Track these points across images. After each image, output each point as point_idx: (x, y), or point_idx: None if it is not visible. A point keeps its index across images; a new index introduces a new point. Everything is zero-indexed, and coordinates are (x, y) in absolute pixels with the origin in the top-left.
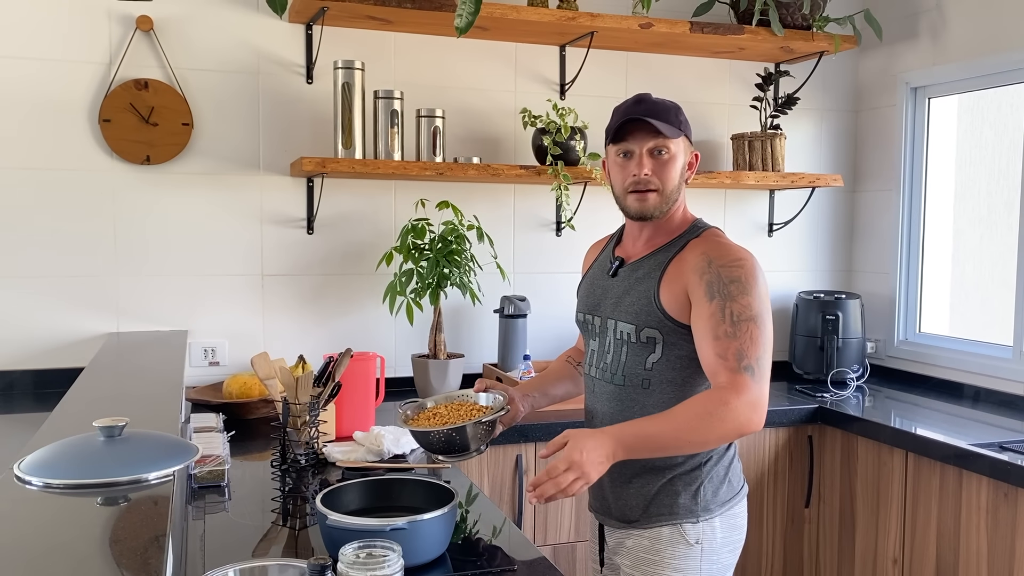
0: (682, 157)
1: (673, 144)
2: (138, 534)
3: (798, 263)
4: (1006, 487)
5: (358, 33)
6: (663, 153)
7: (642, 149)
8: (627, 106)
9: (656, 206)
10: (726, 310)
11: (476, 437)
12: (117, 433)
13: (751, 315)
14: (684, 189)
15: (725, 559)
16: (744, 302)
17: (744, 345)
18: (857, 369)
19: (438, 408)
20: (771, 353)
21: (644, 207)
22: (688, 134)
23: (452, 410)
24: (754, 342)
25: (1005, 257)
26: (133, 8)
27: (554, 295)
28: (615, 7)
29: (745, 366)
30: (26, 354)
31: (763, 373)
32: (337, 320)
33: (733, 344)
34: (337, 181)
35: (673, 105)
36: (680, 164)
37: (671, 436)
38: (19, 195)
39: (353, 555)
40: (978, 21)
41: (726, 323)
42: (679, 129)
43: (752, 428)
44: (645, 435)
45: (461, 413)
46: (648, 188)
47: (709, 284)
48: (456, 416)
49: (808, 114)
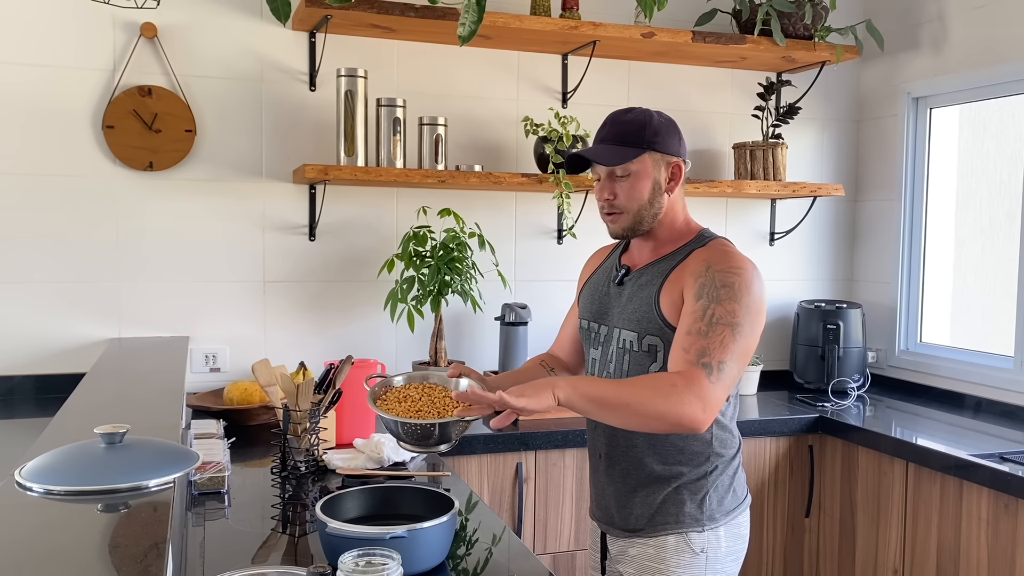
0: (651, 172)
1: (632, 165)
2: (138, 541)
3: (799, 272)
4: (1007, 498)
5: (361, 41)
6: (622, 176)
7: (603, 174)
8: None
9: (629, 226)
10: (708, 311)
11: (455, 432)
12: (118, 440)
13: (731, 321)
14: (681, 198)
15: (729, 568)
16: (729, 307)
17: (711, 345)
18: (858, 379)
19: (408, 389)
20: (740, 364)
21: (614, 228)
22: (661, 147)
23: (424, 393)
24: (723, 346)
25: (1006, 267)
26: (137, 15)
27: (555, 303)
28: (617, 16)
29: (704, 363)
30: (27, 359)
31: (721, 376)
32: (338, 327)
33: (700, 342)
34: (339, 188)
35: (641, 121)
36: (649, 180)
37: (614, 397)
38: (22, 201)
39: (353, 563)
40: (980, 32)
41: (702, 322)
42: (640, 147)
43: (695, 425)
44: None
45: (434, 399)
46: (613, 211)
47: (701, 286)
48: (429, 402)
49: (810, 123)
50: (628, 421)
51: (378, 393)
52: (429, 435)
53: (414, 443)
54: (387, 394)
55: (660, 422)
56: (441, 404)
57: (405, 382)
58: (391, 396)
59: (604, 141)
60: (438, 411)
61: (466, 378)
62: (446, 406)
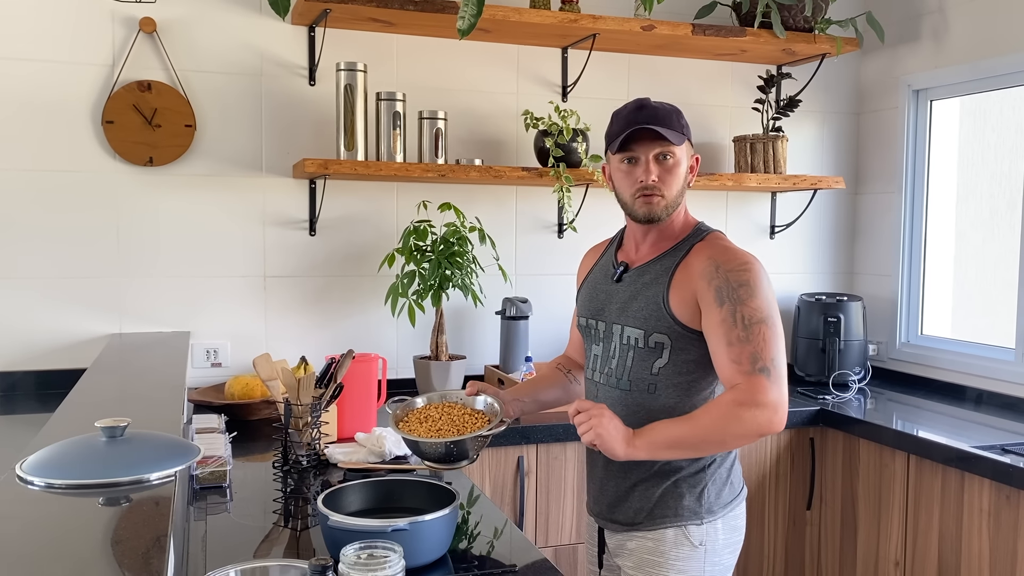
0: (685, 162)
1: (678, 150)
2: (140, 534)
3: (800, 265)
4: (1008, 489)
5: (360, 35)
6: (668, 159)
7: (648, 155)
8: (628, 112)
9: (663, 210)
10: (737, 315)
11: (473, 448)
12: (119, 434)
13: (762, 317)
14: (685, 193)
15: (726, 560)
16: (754, 305)
17: (758, 348)
18: (859, 371)
19: (429, 410)
20: (784, 353)
21: (652, 210)
22: (689, 138)
23: (444, 412)
24: (767, 343)
25: (1007, 259)
26: (136, 10)
27: (556, 297)
28: (617, 9)
29: (760, 368)
30: (28, 355)
31: (779, 373)
32: (339, 322)
33: (747, 348)
34: (339, 183)
35: (674, 109)
36: (683, 169)
37: (690, 437)
38: (22, 196)
39: (354, 556)
40: (980, 23)
41: (738, 327)
42: (682, 133)
43: (773, 429)
44: (666, 433)
45: (454, 417)
46: (655, 193)
47: (718, 289)
48: (448, 420)
49: (810, 116)
50: (710, 451)
51: (400, 416)
52: (450, 452)
53: (435, 461)
54: (409, 416)
55: (742, 440)
56: (461, 422)
57: (425, 403)
58: (412, 417)
59: (649, 122)
60: (457, 428)
61: (484, 394)
62: (465, 423)
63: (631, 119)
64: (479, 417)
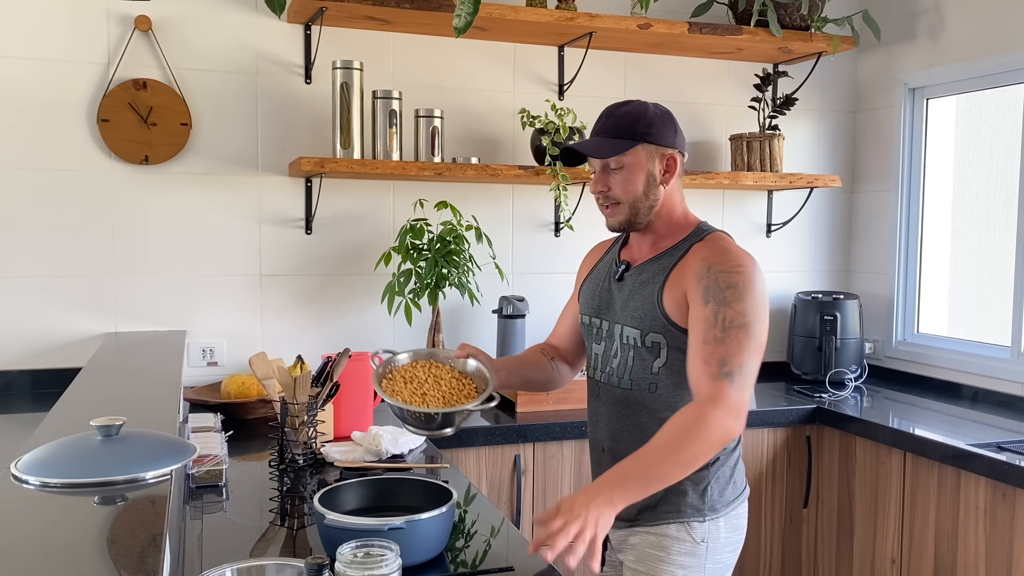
0: (645, 164)
1: (625, 157)
2: (136, 534)
3: (796, 264)
4: (1004, 487)
5: (357, 33)
6: (614, 168)
7: (599, 167)
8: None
9: (626, 218)
10: (719, 315)
11: (458, 418)
12: (114, 432)
13: (743, 322)
14: (679, 190)
15: (727, 559)
16: (738, 308)
17: (730, 351)
18: (855, 370)
19: (415, 368)
20: (758, 360)
21: (612, 221)
22: (654, 139)
23: (431, 374)
24: (740, 348)
25: (1003, 258)
26: (131, 8)
27: (553, 295)
28: (614, 7)
29: (726, 372)
30: (24, 354)
31: (744, 380)
32: (335, 320)
33: (719, 350)
34: (335, 181)
35: (635, 113)
36: (643, 172)
37: (656, 461)
38: (17, 195)
39: (351, 554)
40: (976, 22)
41: (717, 328)
42: (632, 139)
43: (733, 435)
44: (632, 468)
45: (441, 381)
46: (608, 203)
47: (706, 288)
48: (435, 384)
49: (806, 115)
50: (683, 472)
51: (383, 373)
52: (432, 421)
53: (417, 427)
54: (393, 373)
55: (708, 454)
56: (447, 385)
57: (411, 360)
58: (397, 375)
59: (599, 134)
60: (443, 394)
61: (474, 359)
62: (451, 387)
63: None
64: (467, 384)
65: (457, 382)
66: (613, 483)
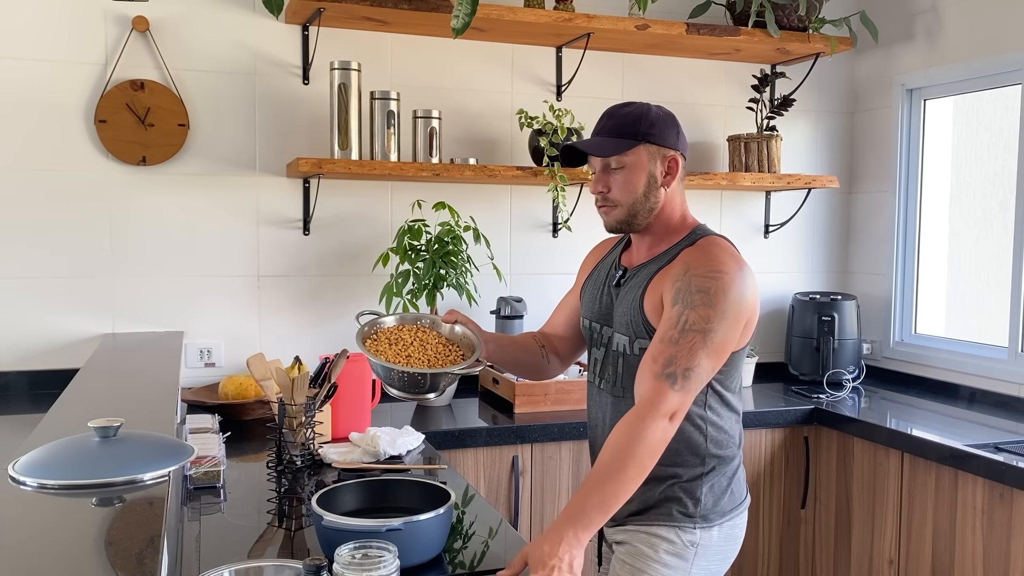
0: (646, 165)
1: (627, 158)
2: (133, 535)
3: (794, 264)
4: (1001, 488)
5: (354, 34)
6: (615, 168)
7: (599, 166)
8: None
9: (623, 219)
10: (682, 317)
11: (443, 381)
12: (112, 433)
13: (704, 327)
14: (680, 193)
15: (715, 567)
16: (703, 313)
17: (680, 353)
18: (853, 370)
19: (401, 331)
20: (713, 361)
21: (608, 221)
22: (656, 140)
23: (416, 337)
24: (692, 353)
25: (1000, 258)
26: (129, 9)
27: (551, 296)
28: (611, 8)
29: (668, 373)
30: (21, 355)
31: (688, 384)
32: (333, 321)
33: (670, 350)
34: (333, 182)
35: (637, 114)
36: (644, 173)
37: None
38: (14, 195)
39: (349, 556)
40: (974, 23)
41: (675, 329)
42: (634, 139)
43: (669, 437)
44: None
45: (426, 345)
46: (606, 204)
47: (678, 291)
48: (420, 347)
49: (804, 115)
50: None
51: (367, 333)
52: (417, 384)
53: (401, 390)
54: (378, 334)
55: (654, 459)
56: (433, 350)
57: (397, 323)
58: (382, 336)
59: (600, 134)
60: (428, 357)
61: (462, 325)
62: (437, 352)
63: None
64: (453, 349)
65: (444, 347)
66: (574, 520)
